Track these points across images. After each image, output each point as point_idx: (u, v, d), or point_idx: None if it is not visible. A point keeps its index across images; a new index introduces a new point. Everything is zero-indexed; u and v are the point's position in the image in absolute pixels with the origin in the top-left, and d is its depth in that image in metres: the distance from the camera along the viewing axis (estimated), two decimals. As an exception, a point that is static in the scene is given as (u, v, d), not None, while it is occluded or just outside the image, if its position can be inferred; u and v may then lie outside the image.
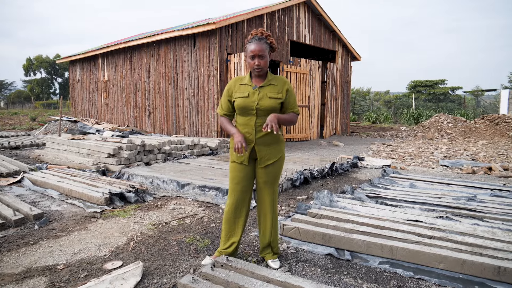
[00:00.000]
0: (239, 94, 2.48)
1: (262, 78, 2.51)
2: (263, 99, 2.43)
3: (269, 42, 2.49)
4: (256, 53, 2.40)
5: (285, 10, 11.42)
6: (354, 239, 2.88)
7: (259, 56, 2.41)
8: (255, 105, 2.43)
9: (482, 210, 3.79)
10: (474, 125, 13.55)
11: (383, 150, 9.47)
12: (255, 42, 2.41)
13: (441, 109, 22.93)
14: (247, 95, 2.45)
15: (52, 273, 2.45)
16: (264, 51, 2.41)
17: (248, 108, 2.44)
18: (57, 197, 4.34)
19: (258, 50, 2.40)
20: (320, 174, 5.78)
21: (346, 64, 14.50)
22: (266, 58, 2.44)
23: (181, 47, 10.66)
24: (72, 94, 16.39)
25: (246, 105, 2.44)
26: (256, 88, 2.47)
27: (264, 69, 2.46)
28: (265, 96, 2.44)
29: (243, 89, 2.49)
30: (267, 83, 2.48)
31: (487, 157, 8.12)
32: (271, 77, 2.51)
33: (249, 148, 2.48)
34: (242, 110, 2.47)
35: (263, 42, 2.43)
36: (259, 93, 2.45)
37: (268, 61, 2.46)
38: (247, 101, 2.44)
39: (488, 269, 2.42)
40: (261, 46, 2.40)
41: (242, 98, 2.46)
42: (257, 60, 2.41)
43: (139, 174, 5.33)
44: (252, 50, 2.41)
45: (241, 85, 2.52)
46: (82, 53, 14.71)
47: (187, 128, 10.82)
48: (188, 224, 3.48)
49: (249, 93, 2.46)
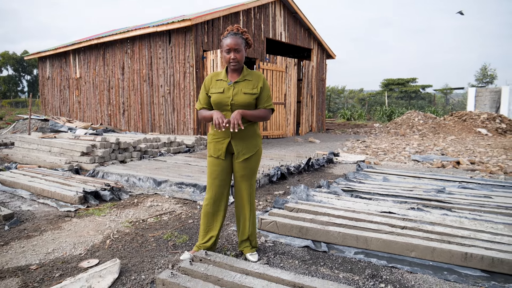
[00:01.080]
0: (214, 90, 2.49)
1: (237, 73, 2.52)
2: (238, 95, 2.45)
3: (245, 37, 2.52)
4: (232, 46, 2.42)
5: (261, 7, 11.46)
6: (330, 231, 2.96)
7: (234, 50, 2.42)
8: (230, 101, 2.44)
9: (451, 201, 3.96)
10: (443, 122, 14.07)
11: (358, 146, 9.69)
12: (231, 37, 2.43)
13: (412, 106, 23.68)
14: (222, 91, 2.46)
15: (25, 273, 2.39)
16: (240, 45, 2.43)
17: (223, 104, 2.46)
18: (28, 197, 4.21)
19: (234, 44, 2.41)
20: (297, 170, 5.86)
21: (321, 62, 14.70)
22: (242, 52, 2.46)
23: (156, 43, 10.50)
24: (42, 92, 15.83)
25: (221, 100, 2.45)
26: (231, 83, 2.48)
27: (240, 63, 2.48)
28: (240, 92, 2.46)
29: (219, 84, 2.51)
30: (242, 78, 2.50)
31: (456, 152, 8.46)
32: (246, 72, 2.53)
33: (225, 143, 2.50)
34: (217, 105, 2.48)
35: (239, 36, 2.45)
36: (234, 88, 2.47)
37: (244, 56, 2.48)
38: (222, 97, 2.46)
39: (456, 255, 2.55)
40: (237, 40, 2.42)
41: (217, 94, 2.47)
42: (233, 53, 2.43)
43: (114, 172, 5.24)
44: (228, 44, 2.42)
45: (217, 80, 2.53)
46: (52, 49, 14.22)
47: (163, 125, 10.68)
48: (166, 221, 3.46)
49: (224, 88, 2.47)
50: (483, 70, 30.27)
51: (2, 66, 49.27)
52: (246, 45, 2.54)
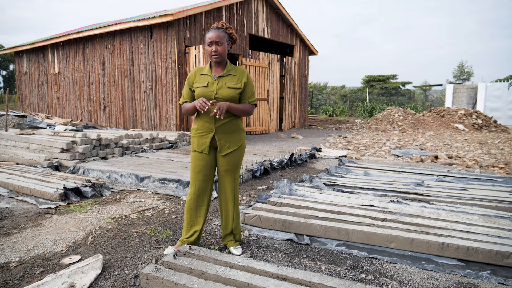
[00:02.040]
0: (198, 84, 2.50)
1: (221, 67, 2.53)
2: (222, 89, 2.47)
3: (229, 32, 2.53)
4: (214, 39, 2.43)
5: (244, 3, 11.43)
6: (313, 224, 3.01)
7: (216, 42, 2.44)
8: (214, 95, 2.45)
9: (429, 194, 4.08)
10: (422, 118, 14.40)
11: (340, 142, 9.83)
12: (213, 30, 2.47)
13: (393, 102, 24.12)
14: (206, 85, 2.48)
15: (4, 271, 2.34)
16: (222, 38, 2.44)
17: (207, 98, 2.46)
18: (6, 195, 4.10)
19: (215, 37, 2.43)
20: (280, 165, 5.90)
21: (303, 58, 14.80)
22: (224, 45, 2.47)
23: (138, 38, 10.35)
24: (19, 88, 15.37)
25: (205, 94, 2.46)
26: (215, 78, 2.49)
27: (222, 56, 2.48)
28: (224, 86, 2.47)
29: (203, 79, 2.52)
30: (226, 73, 2.51)
31: (434, 146, 8.69)
32: (230, 67, 2.55)
33: (209, 137, 2.51)
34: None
35: (221, 30, 2.47)
36: (218, 83, 2.48)
37: (226, 49, 2.49)
38: (206, 91, 2.47)
39: (434, 245, 2.64)
40: (219, 34, 2.44)
41: (201, 88, 2.48)
42: (215, 46, 2.44)
43: (96, 169, 5.16)
44: (209, 37, 2.45)
45: (201, 75, 2.54)
46: (30, 43, 13.82)
47: (145, 122, 10.56)
48: (149, 217, 3.44)
49: (208, 83, 2.48)
50: (460, 67, 31.04)
51: (-25, 61, 47.47)
52: (230, 39, 2.55)
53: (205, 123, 2.51)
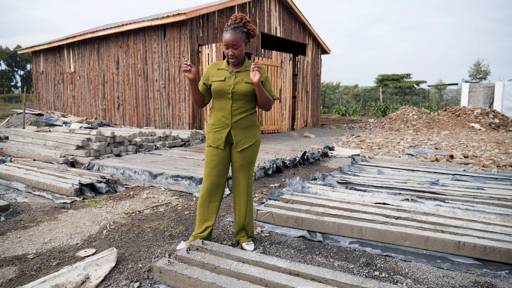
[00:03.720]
0: (215, 78, 2.50)
1: (239, 65, 2.54)
2: (239, 84, 2.47)
3: (247, 29, 2.47)
4: (230, 43, 2.40)
5: (256, 2, 11.42)
6: (326, 221, 2.99)
7: (232, 46, 2.41)
8: (231, 89, 2.46)
9: (444, 192, 4.01)
10: (437, 117, 14.17)
11: (352, 141, 9.75)
12: (230, 32, 2.41)
13: (406, 102, 23.80)
14: (224, 79, 2.47)
15: (22, 262, 2.39)
16: (238, 41, 2.41)
17: (224, 92, 2.47)
18: (24, 190, 4.19)
19: (231, 41, 2.39)
20: (292, 163, 5.89)
21: (316, 57, 14.71)
22: (241, 47, 2.44)
23: (151, 37, 10.45)
24: (35, 87, 15.69)
25: (222, 88, 2.47)
26: (233, 72, 2.49)
27: (239, 58, 2.48)
28: (241, 81, 2.47)
29: (220, 73, 2.51)
30: (244, 69, 2.51)
31: (449, 146, 8.54)
32: (248, 63, 2.55)
33: (225, 132, 2.52)
34: (218, 93, 2.50)
35: (239, 31, 2.42)
36: (236, 77, 2.48)
37: (243, 50, 2.47)
38: (223, 85, 2.47)
39: (449, 244, 2.59)
40: (235, 36, 2.40)
41: (218, 81, 2.48)
42: (231, 50, 2.43)
43: (110, 165, 5.23)
44: (226, 40, 2.41)
45: (218, 69, 2.54)
46: (46, 43, 14.09)
47: (158, 120, 10.65)
48: (162, 212, 3.47)
49: (225, 77, 2.48)
50: (477, 66, 30.45)
51: (-6, 61, 48.63)
52: (248, 37, 2.49)
53: (221, 118, 2.52)
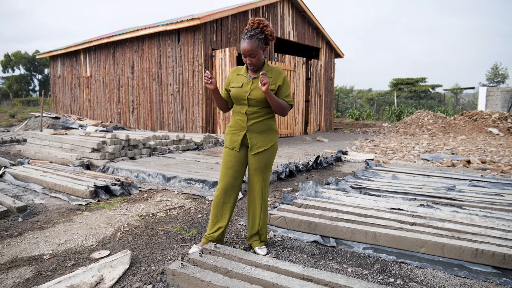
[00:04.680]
0: (234, 84, 2.56)
1: (258, 70, 2.56)
2: (255, 90, 2.48)
3: (264, 35, 2.48)
4: (247, 52, 2.44)
5: (270, 6, 11.46)
6: (339, 226, 2.96)
7: (250, 55, 2.45)
8: (247, 95, 2.49)
9: (461, 198, 3.92)
10: (453, 121, 13.92)
11: (366, 145, 9.65)
12: (247, 40, 2.42)
13: (422, 106, 23.47)
14: (241, 85, 2.52)
15: (38, 262, 2.43)
16: (255, 49, 2.43)
17: (240, 98, 2.52)
18: (41, 191, 4.28)
19: (248, 50, 2.42)
20: (305, 167, 5.85)
21: (329, 61, 14.66)
22: (258, 55, 2.46)
23: (165, 42, 10.58)
24: (53, 90, 16.04)
25: (239, 95, 2.52)
26: (250, 79, 2.52)
27: (257, 66, 2.51)
28: (258, 88, 2.48)
29: (238, 79, 2.56)
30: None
31: (466, 151, 8.37)
32: (267, 68, 2.55)
33: (241, 135, 2.55)
34: (235, 99, 2.56)
35: (255, 39, 2.42)
36: (252, 84, 2.50)
37: (261, 57, 2.49)
38: (240, 91, 2.51)
39: (467, 251, 2.53)
40: (251, 45, 2.41)
41: (236, 88, 2.53)
42: (249, 59, 2.47)
43: (124, 168, 5.29)
44: (242, 49, 2.44)
45: (237, 75, 2.59)
46: (64, 48, 14.41)
47: (172, 123, 10.75)
48: (175, 215, 3.49)
49: (243, 83, 2.52)
50: (494, 69, 29.85)
51: (14, 66, 49.96)
52: (266, 43, 2.51)
53: (238, 121, 2.56)
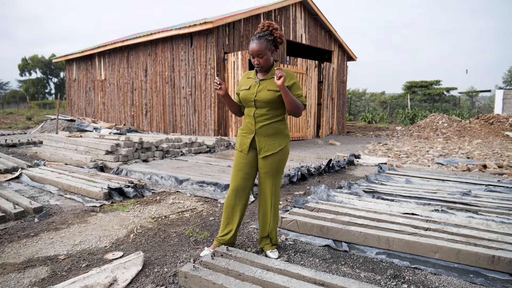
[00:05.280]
0: (243, 87, 2.60)
1: (267, 72, 2.58)
2: (262, 92, 2.50)
3: (274, 37, 2.50)
4: (255, 53, 2.47)
5: (282, 10, 11.48)
6: (352, 231, 2.93)
7: (258, 55, 2.47)
8: (253, 97, 2.51)
9: (477, 204, 3.85)
10: (469, 125, 13.68)
11: (379, 149, 9.55)
12: (255, 41, 2.46)
13: (436, 109, 23.13)
14: (249, 88, 2.56)
15: (53, 262, 2.48)
16: (263, 50, 2.45)
17: (247, 100, 2.55)
18: (56, 192, 4.36)
19: (256, 50, 2.45)
20: (317, 171, 5.83)
21: (342, 64, 14.58)
22: (266, 56, 2.48)
23: (178, 46, 10.68)
24: (68, 93, 16.35)
25: (246, 97, 2.55)
26: (257, 81, 2.55)
27: (265, 67, 2.52)
28: (264, 89, 2.50)
29: (248, 82, 2.60)
30: (270, 76, 2.54)
31: (482, 155, 8.21)
32: (274, 70, 2.56)
33: (250, 138, 2.57)
34: (243, 101, 2.60)
35: (264, 40, 2.45)
36: (259, 85, 2.53)
37: (269, 58, 2.50)
38: (247, 93, 2.55)
39: (483, 258, 2.48)
40: (260, 46, 2.44)
41: (244, 90, 2.57)
42: (257, 59, 2.49)
43: (137, 171, 5.35)
44: (251, 49, 2.48)
45: (247, 78, 2.64)
46: (79, 52, 14.68)
47: (184, 126, 10.83)
48: (187, 218, 3.51)
49: (250, 86, 2.56)
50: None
51: (31, 69, 51.12)
52: (274, 45, 2.52)
53: (247, 124, 2.59)
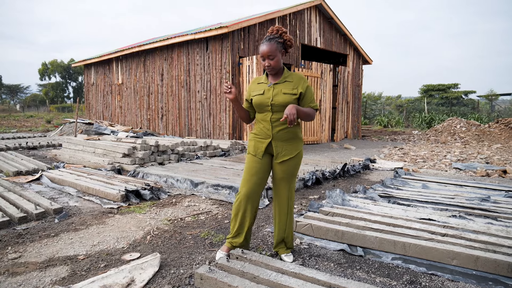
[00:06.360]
0: (255, 92, 2.58)
1: (278, 76, 2.58)
2: (278, 95, 2.50)
3: (283, 40, 2.51)
4: (265, 54, 2.47)
5: (297, 14, 11.50)
6: (367, 235, 2.91)
7: (268, 57, 2.47)
8: (270, 101, 2.50)
9: (496, 210, 3.77)
10: (488, 129, 13.38)
11: (395, 153, 9.44)
12: (265, 43, 2.47)
13: (454, 113, 22.69)
14: (263, 92, 2.53)
15: (73, 262, 2.55)
16: (274, 51, 2.46)
17: (263, 105, 2.53)
18: (75, 194, 4.46)
19: (266, 52, 2.46)
20: (332, 175, 5.80)
21: (357, 68, 14.49)
22: (277, 57, 2.48)
23: (194, 50, 10.81)
24: (86, 97, 16.71)
25: (262, 101, 2.53)
26: (271, 85, 2.54)
27: (276, 69, 2.52)
28: (280, 92, 2.50)
29: (260, 87, 2.58)
30: (283, 80, 2.54)
31: (502, 160, 8.02)
32: (287, 74, 2.57)
33: (266, 143, 2.56)
34: (258, 107, 2.56)
35: (274, 42, 2.47)
36: (274, 89, 2.52)
37: (279, 60, 2.50)
38: (262, 98, 2.53)
39: (502, 265, 2.43)
40: (270, 47, 2.45)
41: (258, 95, 2.55)
42: (267, 61, 2.48)
43: (154, 173, 5.43)
44: (261, 51, 2.48)
45: (258, 84, 2.62)
46: (97, 56, 15.01)
47: (199, 130, 10.94)
48: (203, 220, 3.55)
49: (264, 90, 2.54)
50: (533, 76, 28.47)
51: (50, 74, 52.46)
52: (284, 47, 2.53)
53: (263, 129, 2.57)
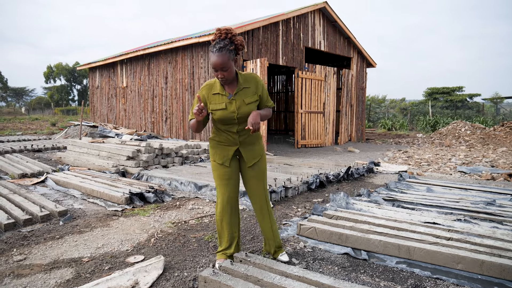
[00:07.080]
0: (215, 106, 2.36)
1: (233, 83, 2.39)
2: (242, 107, 2.35)
3: (235, 45, 2.30)
4: (218, 67, 2.25)
5: (300, 17, 11.52)
6: (371, 239, 2.90)
7: (221, 69, 2.25)
8: (236, 116, 2.35)
9: (502, 214, 3.75)
10: (493, 132, 13.31)
11: (399, 157, 9.40)
12: (216, 54, 2.23)
13: (459, 116, 22.59)
14: (225, 107, 2.34)
15: (78, 264, 2.56)
16: (226, 62, 2.24)
17: (229, 119, 2.37)
18: (79, 196, 4.49)
19: (219, 64, 2.23)
20: (336, 178, 5.79)
21: (361, 71, 14.48)
22: (230, 68, 2.27)
23: (198, 53, 10.86)
24: (91, 100, 16.80)
25: (227, 117, 2.36)
26: (231, 97, 2.36)
27: (230, 78, 2.32)
28: (243, 104, 2.36)
29: (218, 99, 2.36)
30: (240, 87, 2.38)
31: (507, 164, 7.97)
32: (242, 79, 2.40)
33: (232, 150, 2.48)
34: (222, 122, 2.40)
35: (225, 51, 2.23)
36: (236, 101, 2.35)
37: (233, 68, 2.31)
38: (226, 113, 2.35)
39: (508, 270, 2.41)
40: (222, 59, 2.23)
41: (220, 110, 2.35)
42: (220, 73, 2.27)
43: (158, 176, 5.45)
44: (213, 63, 2.25)
45: (213, 94, 2.38)
46: (102, 60, 15.10)
47: (203, 133, 10.95)
48: (206, 223, 3.55)
49: (225, 104, 2.34)
50: (538, 79, 28.33)
51: (56, 77, 52.83)
52: (236, 53, 2.31)
53: (228, 137, 2.45)
